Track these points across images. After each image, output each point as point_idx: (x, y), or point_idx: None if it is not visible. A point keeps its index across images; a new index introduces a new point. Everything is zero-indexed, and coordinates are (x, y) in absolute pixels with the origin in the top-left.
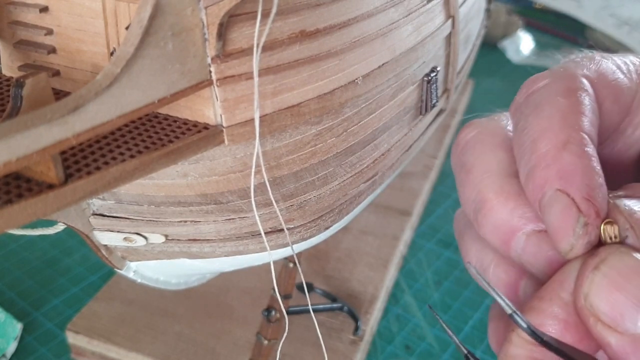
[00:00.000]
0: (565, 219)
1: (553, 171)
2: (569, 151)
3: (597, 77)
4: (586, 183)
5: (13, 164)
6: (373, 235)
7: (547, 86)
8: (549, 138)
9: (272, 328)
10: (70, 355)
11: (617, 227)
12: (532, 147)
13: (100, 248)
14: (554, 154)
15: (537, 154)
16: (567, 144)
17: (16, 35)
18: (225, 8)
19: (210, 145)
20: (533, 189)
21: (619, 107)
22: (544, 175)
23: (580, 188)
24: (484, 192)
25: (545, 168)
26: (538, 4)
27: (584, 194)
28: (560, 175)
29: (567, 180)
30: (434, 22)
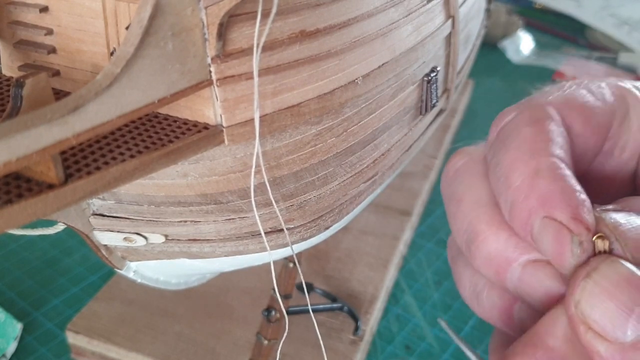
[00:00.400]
0: (560, 243)
1: (533, 201)
2: (543, 177)
3: (564, 103)
4: (568, 203)
5: (13, 164)
6: (373, 235)
7: (513, 119)
8: (520, 169)
9: (272, 328)
10: (70, 355)
11: (608, 241)
12: (507, 182)
13: (100, 248)
14: (529, 183)
15: (513, 187)
16: (538, 171)
17: (16, 35)
18: (225, 8)
19: (210, 145)
20: (520, 224)
21: (592, 129)
22: (525, 207)
23: (564, 210)
24: (475, 223)
25: (525, 200)
26: (538, 4)
27: (570, 215)
28: (541, 202)
29: (550, 206)
30: (434, 22)
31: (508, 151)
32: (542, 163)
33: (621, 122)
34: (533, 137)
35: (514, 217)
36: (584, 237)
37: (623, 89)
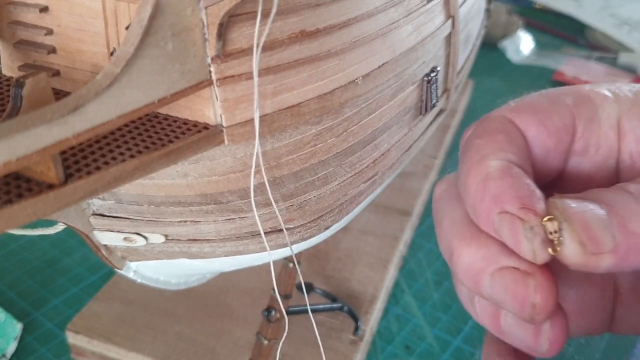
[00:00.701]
0: (515, 232)
1: (487, 201)
2: (492, 178)
3: (518, 111)
4: (516, 195)
5: (13, 164)
6: (373, 235)
7: (470, 134)
8: (473, 176)
9: (272, 328)
10: (70, 355)
11: (556, 222)
12: (466, 189)
13: (100, 248)
14: (482, 186)
15: (470, 193)
16: (487, 174)
17: (16, 35)
18: (225, 8)
19: (210, 145)
20: (484, 224)
21: (547, 131)
22: (483, 208)
23: (513, 202)
24: (451, 241)
25: (481, 201)
26: (538, 4)
27: (518, 205)
28: (494, 201)
29: (501, 202)
30: (434, 22)
31: (465, 163)
32: (490, 167)
33: (589, 123)
34: (483, 147)
35: (477, 218)
36: (533, 222)
37: (591, 91)
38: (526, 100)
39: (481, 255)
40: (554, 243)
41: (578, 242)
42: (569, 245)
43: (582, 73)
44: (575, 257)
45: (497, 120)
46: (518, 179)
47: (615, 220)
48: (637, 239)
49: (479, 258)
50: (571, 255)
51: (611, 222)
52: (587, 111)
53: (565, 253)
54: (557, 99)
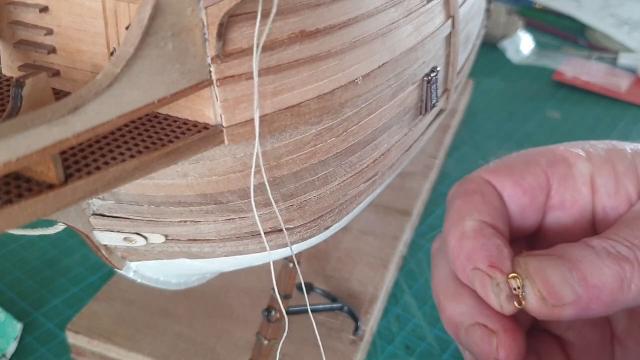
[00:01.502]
0: (484, 287)
1: (462, 258)
2: (467, 238)
3: (494, 172)
4: (486, 255)
5: (13, 164)
6: (373, 235)
7: (452, 193)
8: (452, 234)
9: (272, 328)
10: (70, 355)
11: (520, 279)
12: (447, 246)
13: (100, 248)
14: (459, 245)
15: (450, 248)
16: (463, 234)
17: (16, 35)
18: (225, 8)
19: (210, 145)
20: (462, 276)
21: (522, 190)
22: (460, 264)
23: (483, 260)
24: (438, 296)
25: (457, 258)
26: (538, 4)
27: (487, 263)
28: (467, 258)
29: (474, 260)
30: (434, 22)
31: (446, 221)
32: (466, 227)
33: (563, 180)
34: (460, 207)
35: (456, 271)
36: (499, 279)
37: (565, 151)
38: (504, 161)
39: (459, 311)
40: (519, 297)
41: (539, 297)
42: (531, 300)
43: (582, 73)
44: (537, 309)
45: (475, 181)
46: (489, 239)
47: (576, 274)
48: (596, 291)
49: (458, 313)
50: (533, 308)
51: (572, 276)
52: (561, 170)
53: (528, 306)
54: (532, 159)
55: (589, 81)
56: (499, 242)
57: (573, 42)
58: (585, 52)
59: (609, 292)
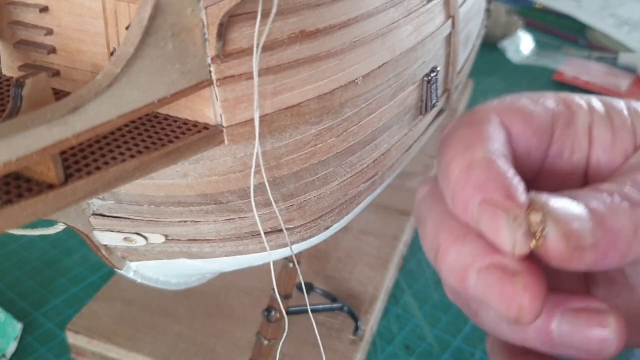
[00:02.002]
0: (496, 222)
1: (469, 188)
2: (477, 166)
3: (504, 108)
4: (501, 186)
5: (13, 164)
6: (373, 235)
7: (453, 127)
8: (456, 163)
9: (272, 328)
10: (70, 355)
11: (540, 213)
12: (447, 178)
13: (100, 248)
14: (465, 174)
15: (452, 180)
16: (472, 162)
17: (16, 35)
18: (225, 8)
19: (210, 145)
20: (461, 212)
21: (532, 130)
22: (464, 195)
23: (498, 191)
24: (436, 239)
25: (462, 189)
26: (538, 4)
27: (503, 195)
28: (477, 188)
29: (485, 190)
30: (434, 22)
31: (447, 151)
32: (476, 154)
33: (566, 127)
34: (468, 136)
35: (455, 206)
36: (517, 213)
37: (567, 98)
38: (510, 99)
39: (467, 252)
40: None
41: (562, 236)
42: (553, 239)
43: (582, 73)
44: (559, 251)
45: (483, 113)
46: (503, 169)
47: (593, 217)
48: (613, 236)
49: (466, 254)
50: (554, 249)
51: (590, 218)
52: (565, 116)
53: (548, 247)
54: (539, 101)
55: (589, 81)
56: (514, 174)
57: (573, 42)
58: (585, 52)
59: (625, 238)
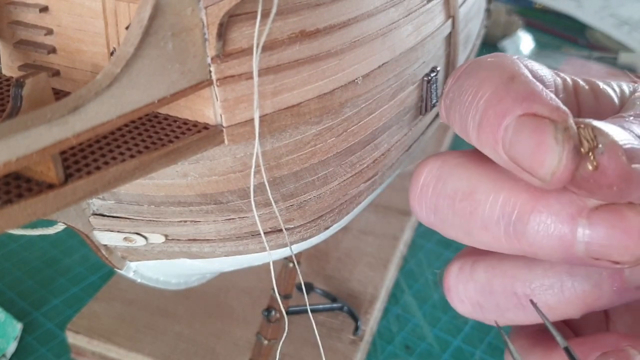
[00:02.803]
0: (540, 134)
1: (509, 101)
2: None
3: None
4: (549, 98)
5: (13, 164)
6: (373, 235)
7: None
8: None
9: (272, 328)
10: (70, 355)
11: (590, 129)
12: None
13: (100, 248)
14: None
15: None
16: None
17: (16, 35)
18: (225, 8)
19: (210, 145)
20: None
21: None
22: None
23: (545, 102)
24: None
25: (499, 102)
26: (538, 4)
27: (552, 106)
28: (518, 101)
29: (530, 101)
30: (434, 22)
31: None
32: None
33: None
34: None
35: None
36: (569, 123)
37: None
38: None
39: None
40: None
41: (619, 148)
42: (609, 155)
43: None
44: (618, 168)
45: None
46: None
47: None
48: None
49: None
50: (613, 166)
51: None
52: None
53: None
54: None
55: None
56: None
57: (573, 42)
58: (585, 52)
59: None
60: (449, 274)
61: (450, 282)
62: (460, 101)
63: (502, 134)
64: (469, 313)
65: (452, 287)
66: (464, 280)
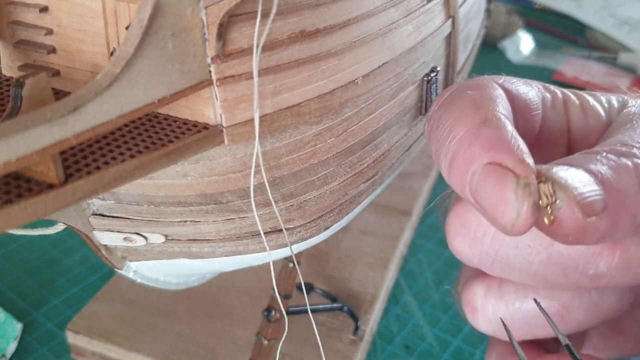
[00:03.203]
0: (503, 187)
1: (477, 147)
2: (490, 126)
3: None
4: (515, 148)
5: (13, 164)
6: (373, 235)
7: (456, 89)
8: (464, 121)
9: (272, 328)
10: (70, 355)
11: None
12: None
13: (100, 248)
14: (474, 132)
15: (456, 139)
16: (485, 121)
17: (16, 35)
18: (225, 8)
19: (210, 145)
20: (458, 174)
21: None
22: (468, 154)
23: (511, 153)
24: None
25: (469, 147)
26: (538, 4)
27: (516, 159)
28: (486, 148)
29: (496, 151)
30: (434, 22)
31: (451, 110)
32: (490, 115)
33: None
34: (477, 96)
35: (453, 167)
36: (531, 180)
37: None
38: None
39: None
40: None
41: (576, 204)
42: (567, 209)
43: (582, 73)
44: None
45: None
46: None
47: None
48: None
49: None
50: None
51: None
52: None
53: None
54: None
55: (589, 81)
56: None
57: (573, 42)
58: (585, 52)
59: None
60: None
61: (478, 303)
62: (436, 135)
63: (470, 179)
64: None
65: (480, 308)
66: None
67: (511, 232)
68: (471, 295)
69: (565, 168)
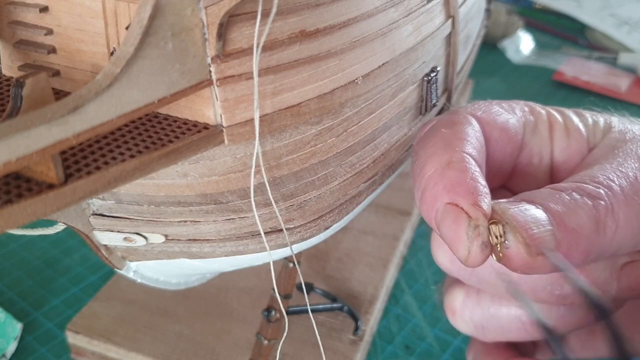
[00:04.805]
0: (457, 226)
1: (440, 187)
2: (452, 168)
3: (483, 113)
4: (471, 192)
5: (13, 164)
6: (373, 235)
7: (433, 125)
8: (433, 161)
9: (272, 328)
10: (70, 355)
11: (501, 225)
12: (421, 173)
13: (100, 248)
14: (440, 173)
15: (425, 177)
16: (450, 163)
17: (16, 35)
18: (225, 8)
19: (210, 145)
20: (426, 209)
21: (508, 137)
22: (433, 193)
23: (466, 197)
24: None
25: (434, 186)
26: (538, 4)
27: (470, 202)
28: (447, 189)
29: (454, 193)
30: (434, 22)
31: (425, 148)
32: (454, 157)
33: (532, 133)
34: (448, 136)
35: (422, 202)
36: (480, 222)
37: (530, 105)
38: (484, 105)
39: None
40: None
41: (523, 244)
42: (514, 248)
43: (582, 73)
44: (520, 259)
45: (464, 116)
46: (475, 176)
47: (552, 218)
48: (575, 235)
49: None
50: (516, 258)
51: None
52: (531, 123)
53: (510, 256)
54: (509, 107)
55: (589, 81)
56: (485, 183)
57: (573, 42)
58: (585, 52)
59: (586, 236)
60: (454, 299)
61: (456, 307)
62: (413, 169)
63: (434, 214)
64: (470, 332)
65: (459, 311)
66: (471, 307)
67: (466, 265)
68: (452, 299)
69: (523, 206)
